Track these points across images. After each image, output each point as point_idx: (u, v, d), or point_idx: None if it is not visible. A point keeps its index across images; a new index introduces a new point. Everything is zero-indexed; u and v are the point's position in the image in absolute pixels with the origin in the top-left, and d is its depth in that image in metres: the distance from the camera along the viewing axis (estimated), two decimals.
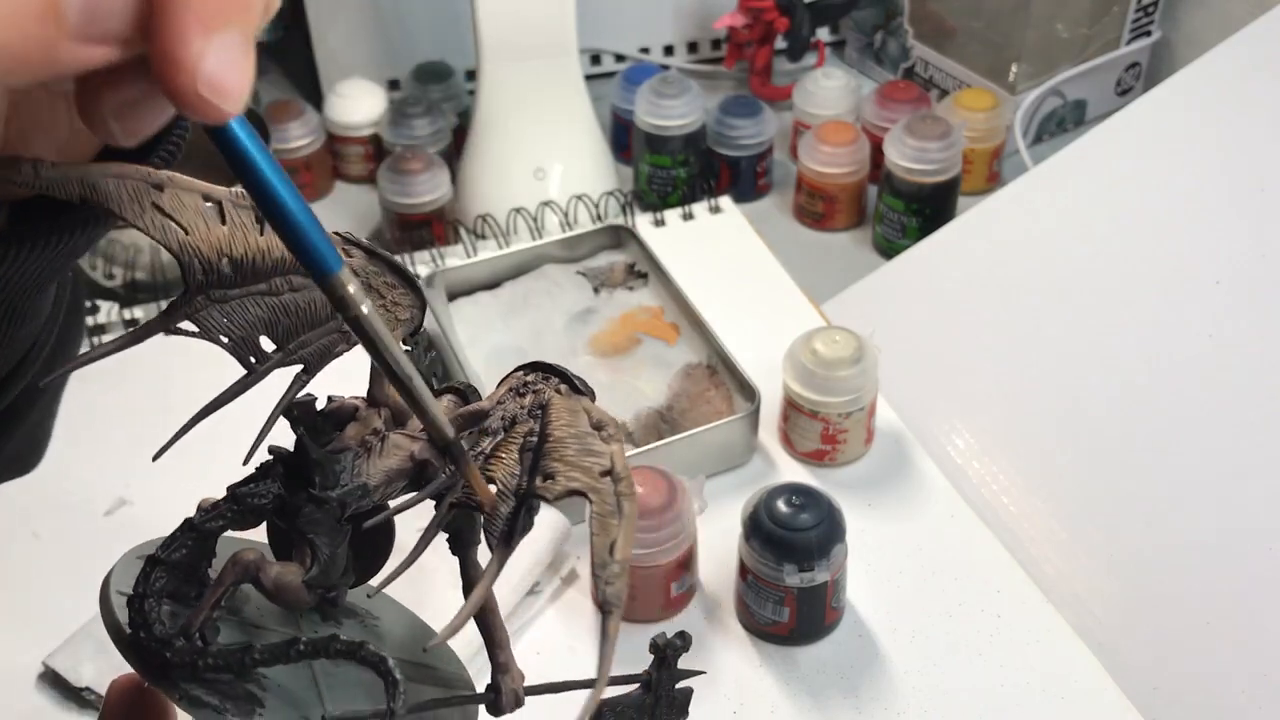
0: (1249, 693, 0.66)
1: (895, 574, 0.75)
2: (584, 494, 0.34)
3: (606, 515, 0.34)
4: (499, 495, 0.35)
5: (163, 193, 0.33)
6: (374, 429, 0.37)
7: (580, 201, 1.00)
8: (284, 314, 0.36)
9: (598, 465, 0.35)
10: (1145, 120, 0.91)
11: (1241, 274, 0.80)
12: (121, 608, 0.36)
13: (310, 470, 0.35)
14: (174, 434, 0.36)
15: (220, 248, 0.34)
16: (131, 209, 0.32)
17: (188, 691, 0.34)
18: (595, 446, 0.35)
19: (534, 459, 0.36)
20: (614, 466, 0.35)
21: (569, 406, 0.37)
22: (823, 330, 0.80)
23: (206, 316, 0.35)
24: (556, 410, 0.37)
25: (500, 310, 0.90)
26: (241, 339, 0.35)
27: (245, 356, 0.36)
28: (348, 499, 0.36)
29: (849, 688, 0.69)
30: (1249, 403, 0.75)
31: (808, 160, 1.04)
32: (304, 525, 0.36)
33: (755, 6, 1.17)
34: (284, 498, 0.35)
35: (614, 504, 0.34)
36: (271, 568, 0.35)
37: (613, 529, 0.34)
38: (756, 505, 0.69)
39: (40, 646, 0.68)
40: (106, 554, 0.80)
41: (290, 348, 0.36)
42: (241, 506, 0.35)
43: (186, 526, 0.35)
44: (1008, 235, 0.92)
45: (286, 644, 0.35)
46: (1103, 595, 0.73)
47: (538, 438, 0.36)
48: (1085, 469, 0.78)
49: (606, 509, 0.34)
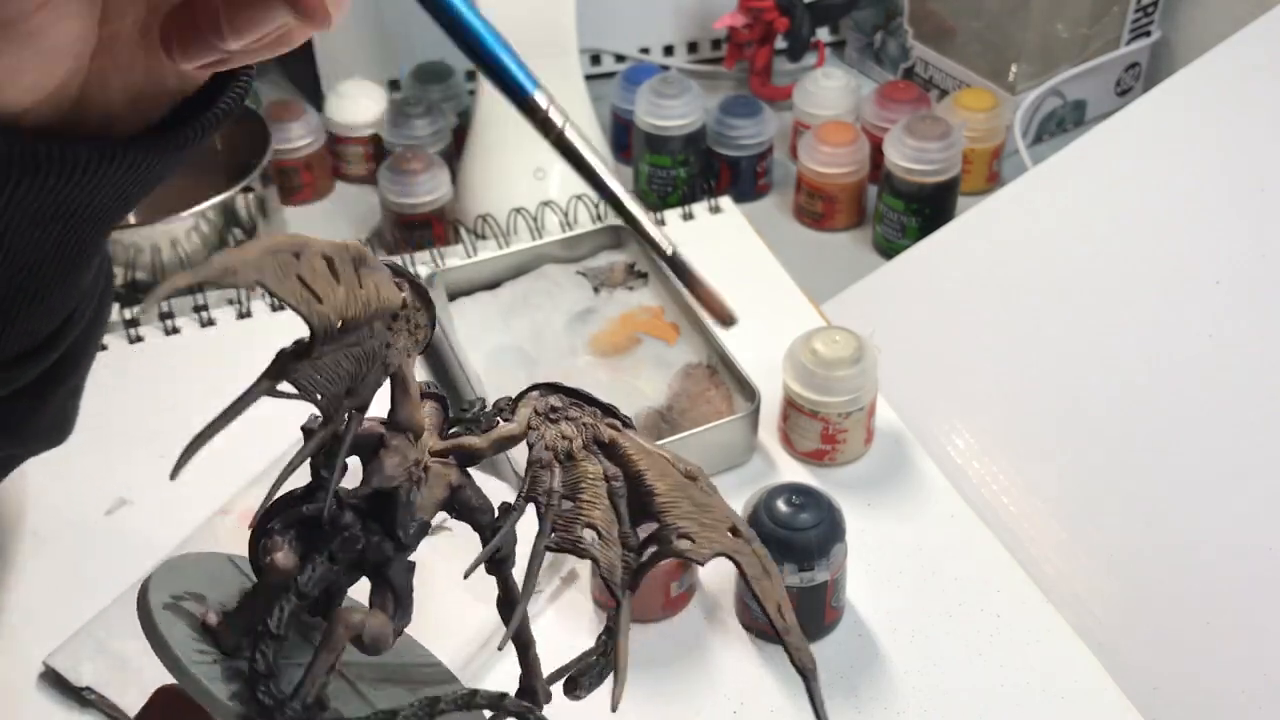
0: (1249, 693, 0.66)
1: (895, 574, 0.75)
2: (729, 557, 0.36)
3: (761, 579, 0.36)
4: (605, 542, 0.37)
5: (300, 260, 0.33)
6: (415, 460, 0.37)
7: (580, 201, 1.00)
8: (362, 363, 0.36)
9: (721, 523, 0.37)
10: (1145, 120, 0.91)
11: (1241, 274, 0.80)
12: (192, 654, 0.34)
13: (394, 520, 0.35)
14: (194, 441, 0.35)
15: (340, 310, 0.34)
16: (283, 285, 0.32)
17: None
18: (704, 500, 0.37)
19: (637, 503, 0.37)
20: (735, 523, 0.37)
21: (642, 449, 0.38)
22: (823, 330, 0.80)
23: (305, 377, 0.34)
24: (634, 452, 0.38)
25: (500, 310, 0.90)
26: (334, 396, 0.35)
27: (333, 413, 0.35)
28: (417, 538, 0.36)
29: (849, 688, 0.69)
30: (1249, 403, 0.75)
31: (808, 160, 1.04)
32: (393, 575, 0.35)
33: (755, 6, 1.17)
34: (365, 546, 0.35)
35: (761, 566, 0.36)
36: (370, 623, 0.35)
37: (773, 592, 0.36)
38: (756, 505, 0.69)
39: (41, 646, 0.68)
40: (107, 553, 0.80)
41: (359, 391, 0.36)
42: (338, 564, 0.35)
43: (295, 594, 0.34)
44: (1008, 235, 0.92)
45: (429, 703, 0.34)
46: (1103, 595, 0.73)
47: (627, 482, 0.37)
48: (1085, 469, 0.78)
49: (757, 571, 0.36)
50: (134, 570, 0.72)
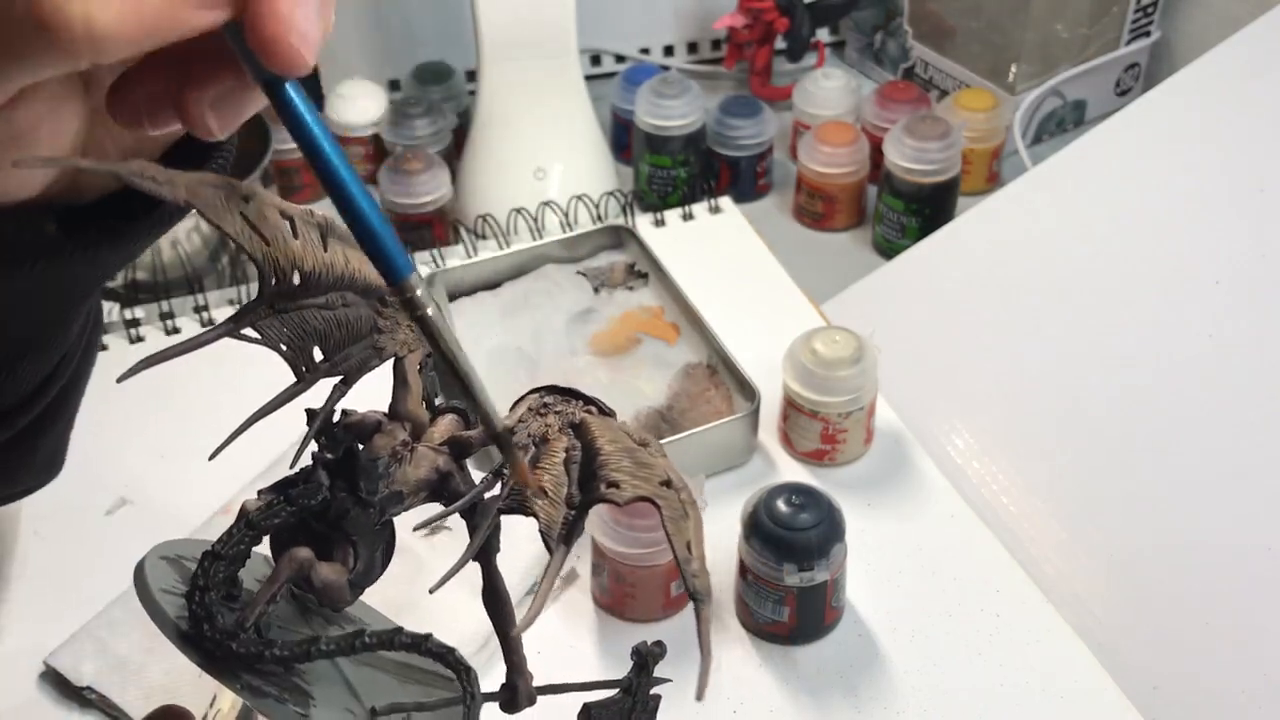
0: (1249, 693, 0.67)
1: (895, 574, 0.75)
2: (651, 500, 0.38)
3: (678, 519, 0.38)
4: (551, 502, 0.38)
5: (248, 204, 0.35)
6: (402, 440, 0.39)
7: (580, 201, 1.00)
8: (336, 328, 0.38)
9: (656, 476, 0.39)
10: (1145, 120, 0.91)
11: (1241, 274, 0.80)
12: (170, 603, 0.37)
13: (357, 475, 0.37)
14: (227, 437, 0.38)
15: (294, 260, 0.36)
16: (224, 216, 0.35)
17: (249, 682, 0.35)
18: (647, 460, 0.39)
19: (587, 468, 0.39)
20: (670, 477, 0.39)
21: (606, 425, 0.40)
22: (823, 330, 0.80)
23: (269, 325, 0.37)
24: (596, 428, 0.40)
25: (501, 310, 0.90)
26: (300, 348, 0.38)
27: (299, 365, 0.38)
28: (387, 504, 0.38)
29: (848, 687, 0.69)
30: (1249, 403, 0.75)
31: (807, 160, 1.04)
32: (349, 527, 0.37)
33: (755, 7, 1.17)
34: (329, 499, 0.37)
35: (680, 509, 0.39)
36: (320, 567, 0.36)
37: (685, 530, 0.38)
38: (756, 505, 0.69)
39: (42, 646, 0.68)
40: (108, 553, 0.80)
41: (336, 359, 0.38)
42: (295, 506, 0.36)
43: (245, 524, 0.36)
44: (1007, 235, 0.92)
45: (352, 635, 0.36)
46: (1103, 595, 0.73)
47: (583, 450, 0.39)
48: (1085, 469, 0.78)
49: (676, 513, 0.38)
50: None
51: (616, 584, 0.70)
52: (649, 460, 0.39)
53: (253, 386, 0.38)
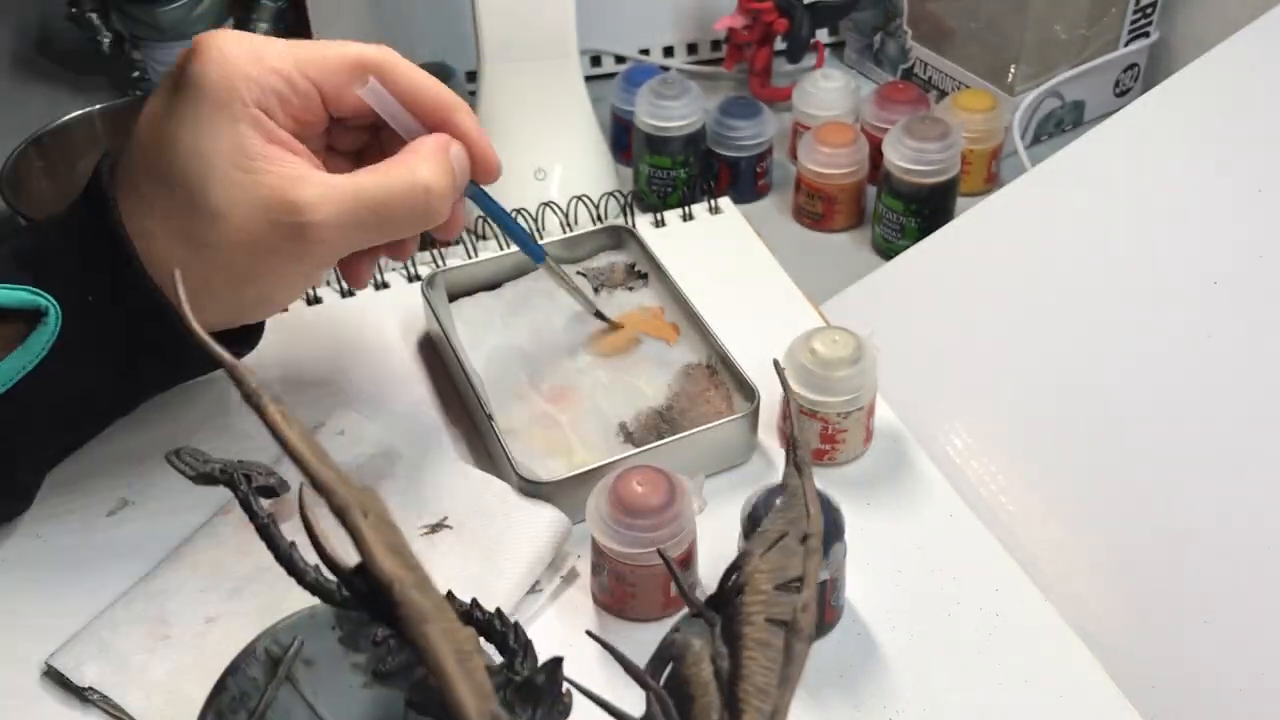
0: (1249, 692, 0.67)
1: (894, 573, 0.75)
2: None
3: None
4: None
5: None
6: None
7: (580, 202, 1.00)
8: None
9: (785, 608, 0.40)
10: (1144, 121, 0.92)
11: (1240, 274, 0.80)
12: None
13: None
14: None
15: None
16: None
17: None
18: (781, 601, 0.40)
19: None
20: (800, 583, 0.41)
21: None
22: (822, 330, 0.80)
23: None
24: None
25: (501, 310, 0.90)
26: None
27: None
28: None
29: (848, 687, 0.69)
30: (1248, 403, 0.75)
31: (807, 161, 1.04)
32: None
33: (755, 8, 1.17)
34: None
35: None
36: None
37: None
38: (756, 505, 0.70)
39: (43, 646, 0.68)
40: (109, 554, 0.80)
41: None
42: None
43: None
44: (1007, 235, 0.93)
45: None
46: (1103, 595, 0.73)
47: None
48: (1085, 468, 0.78)
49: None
50: (136, 570, 0.72)
51: (617, 584, 0.71)
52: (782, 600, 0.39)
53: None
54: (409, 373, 0.88)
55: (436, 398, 0.86)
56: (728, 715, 0.37)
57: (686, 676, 0.38)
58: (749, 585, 0.38)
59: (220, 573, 0.71)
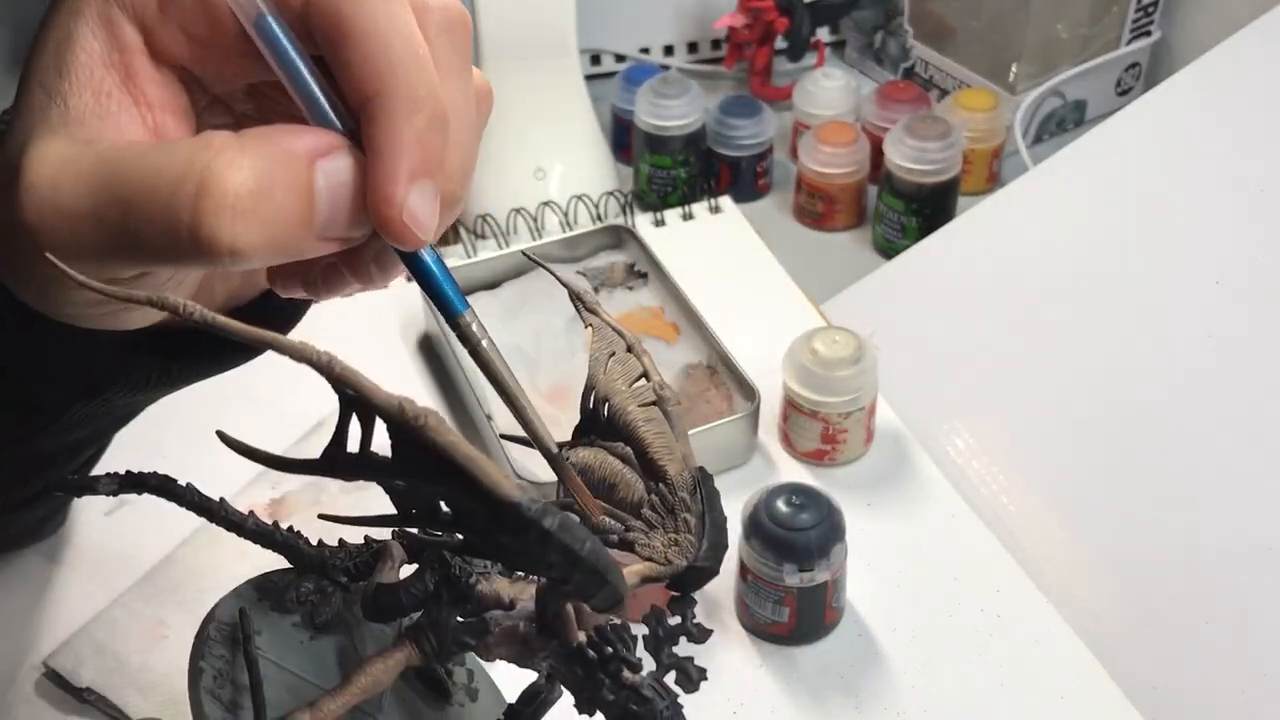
0: (1249, 693, 0.66)
1: (895, 574, 0.75)
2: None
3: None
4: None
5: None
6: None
7: (580, 201, 1.00)
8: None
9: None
10: (1145, 120, 0.91)
11: (1241, 274, 0.80)
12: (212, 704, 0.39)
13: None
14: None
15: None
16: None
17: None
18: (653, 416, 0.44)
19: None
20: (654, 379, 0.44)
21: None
22: (822, 330, 0.80)
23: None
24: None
25: (500, 310, 0.90)
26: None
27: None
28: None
29: (849, 688, 0.69)
30: (1249, 403, 0.75)
31: (808, 160, 1.04)
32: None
33: (755, 7, 1.17)
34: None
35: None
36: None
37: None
38: (756, 505, 0.69)
39: (41, 647, 0.68)
40: (107, 554, 0.80)
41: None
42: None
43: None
44: (1008, 235, 0.92)
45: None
46: (1103, 595, 0.73)
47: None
48: (1085, 469, 0.78)
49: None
50: (134, 571, 0.72)
51: None
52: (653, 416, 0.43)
53: (254, 386, 0.38)
54: (409, 373, 0.88)
55: (436, 398, 0.85)
56: (651, 481, 0.42)
57: (600, 476, 0.42)
58: (610, 391, 0.43)
59: (219, 573, 0.70)
